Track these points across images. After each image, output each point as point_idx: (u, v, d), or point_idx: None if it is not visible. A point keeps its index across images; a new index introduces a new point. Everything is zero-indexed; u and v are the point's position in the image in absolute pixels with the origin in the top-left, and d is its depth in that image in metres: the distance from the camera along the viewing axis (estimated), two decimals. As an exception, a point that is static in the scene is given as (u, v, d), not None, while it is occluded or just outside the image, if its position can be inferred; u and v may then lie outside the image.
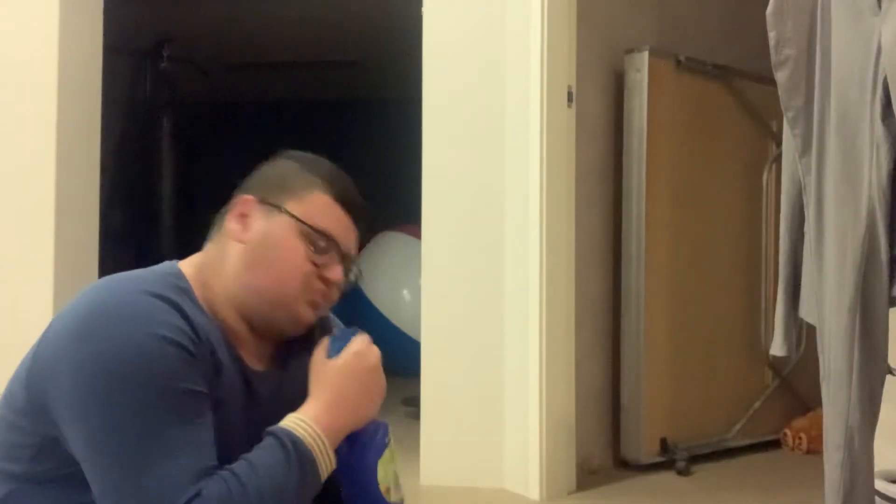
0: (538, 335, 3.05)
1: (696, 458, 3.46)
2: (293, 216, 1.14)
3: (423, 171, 3.25)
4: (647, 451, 3.38)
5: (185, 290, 1.10)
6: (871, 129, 1.65)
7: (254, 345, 1.16)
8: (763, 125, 3.82)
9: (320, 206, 1.17)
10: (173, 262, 1.16)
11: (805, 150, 1.81)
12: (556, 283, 3.09)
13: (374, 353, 1.18)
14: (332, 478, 1.10)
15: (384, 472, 1.12)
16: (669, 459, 3.41)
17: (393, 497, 1.13)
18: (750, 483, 3.31)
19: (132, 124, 5.70)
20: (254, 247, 1.14)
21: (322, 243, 1.16)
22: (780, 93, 1.84)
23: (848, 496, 1.69)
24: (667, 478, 3.33)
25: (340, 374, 1.13)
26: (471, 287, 3.21)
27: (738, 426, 3.74)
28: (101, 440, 0.99)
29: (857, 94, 1.68)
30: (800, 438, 3.71)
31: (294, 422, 1.08)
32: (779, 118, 2.34)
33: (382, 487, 1.11)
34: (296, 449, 1.05)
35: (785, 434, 3.79)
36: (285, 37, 5.99)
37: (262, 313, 1.15)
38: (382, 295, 5.19)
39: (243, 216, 1.15)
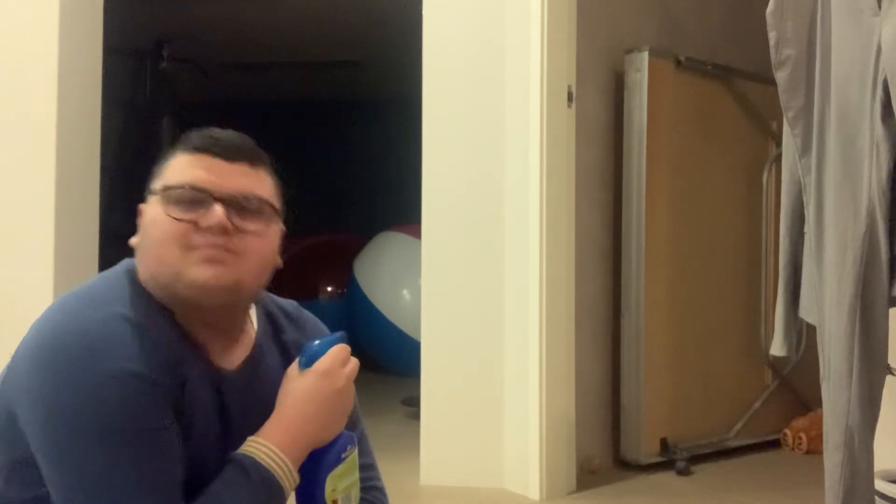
0: (538, 335, 3.05)
1: (696, 458, 3.47)
2: (154, 191, 1.09)
3: (423, 171, 3.25)
4: (647, 451, 3.38)
5: (143, 296, 1.07)
6: (871, 129, 1.65)
7: (218, 345, 1.13)
8: (763, 125, 3.82)
9: (177, 167, 1.10)
10: (131, 260, 1.13)
11: (805, 150, 1.81)
12: (556, 283, 3.09)
13: (344, 374, 1.14)
14: None
15: (333, 485, 1.12)
16: (669, 459, 3.41)
17: None
18: (750, 483, 3.31)
19: (132, 124, 5.70)
20: (140, 242, 1.11)
21: (177, 195, 1.07)
22: (780, 93, 1.84)
23: (848, 496, 1.69)
24: (667, 478, 3.33)
25: (306, 395, 1.11)
26: (471, 287, 3.21)
27: (738, 426, 3.74)
28: (60, 477, 0.98)
29: (857, 94, 1.68)
30: (800, 438, 3.71)
31: (256, 448, 1.07)
32: (779, 118, 2.34)
33: (329, 500, 1.12)
34: (260, 476, 1.04)
35: (785, 434, 3.79)
36: (285, 37, 5.99)
37: (175, 300, 1.08)
38: (382, 295, 5.19)
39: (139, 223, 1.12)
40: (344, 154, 7.61)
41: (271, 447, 1.06)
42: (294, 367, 1.14)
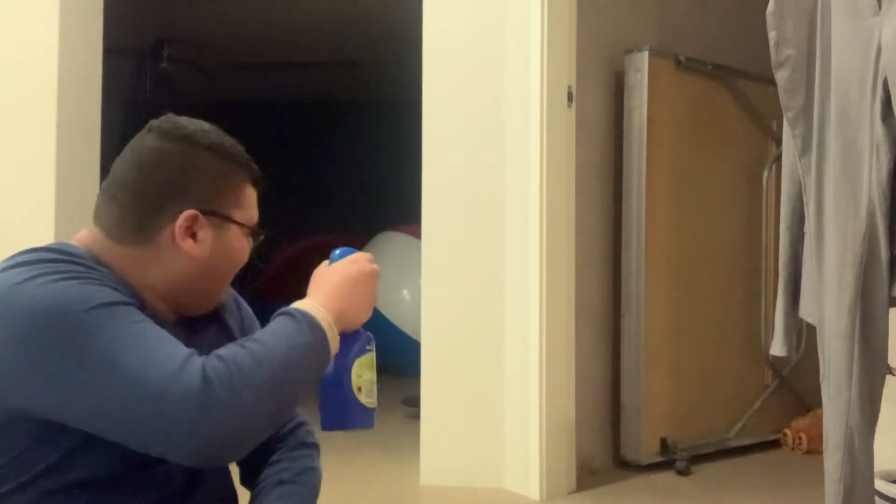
0: (538, 335, 3.05)
1: (696, 458, 3.47)
2: (242, 225, 1.17)
3: (423, 171, 3.25)
4: (647, 451, 3.38)
5: (78, 254, 1.07)
6: (871, 129, 1.65)
7: (162, 309, 1.15)
8: (763, 125, 3.82)
9: (251, 200, 1.20)
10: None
11: (805, 150, 1.81)
12: (556, 283, 3.09)
13: (373, 267, 1.21)
14: None
15: (358, 373, 1.15)
16: (669, 459, 3.41)
17: (364, 398, 1.16)
18: (750, 483, 3.31)
19: (132, 124, 5.69)
20: (209, 261, 1.14)
21: (254, 235, 1.21)
22: (780, 93, 1.84)
23: (848, 496, 1.69)
24: (667, 478, 3.33)
25: (339, 273, 1.17)
26: (471, 287, 3.21)
27: (738, 426, 3.74)
28: (73, 380, 0.94)
29: (857, 94, 1.68)
30: (800, 438, 3.71)
31: (302, 303, 1.10)
32: (779, 118, 2.34)
33: (354, 386, 1.14)
34: (309, 323, 1.06)
35: (785, 434, 3.79)
36: (286, 37, 5.99)
37: (192, 303, 1.18)
38: (382, 295, 5.16)
39: (189, 229, 1.12)
40: (344, 154, 7.60)
41: (316, 304, 1.10)
42: (324, 264, 1.20)
